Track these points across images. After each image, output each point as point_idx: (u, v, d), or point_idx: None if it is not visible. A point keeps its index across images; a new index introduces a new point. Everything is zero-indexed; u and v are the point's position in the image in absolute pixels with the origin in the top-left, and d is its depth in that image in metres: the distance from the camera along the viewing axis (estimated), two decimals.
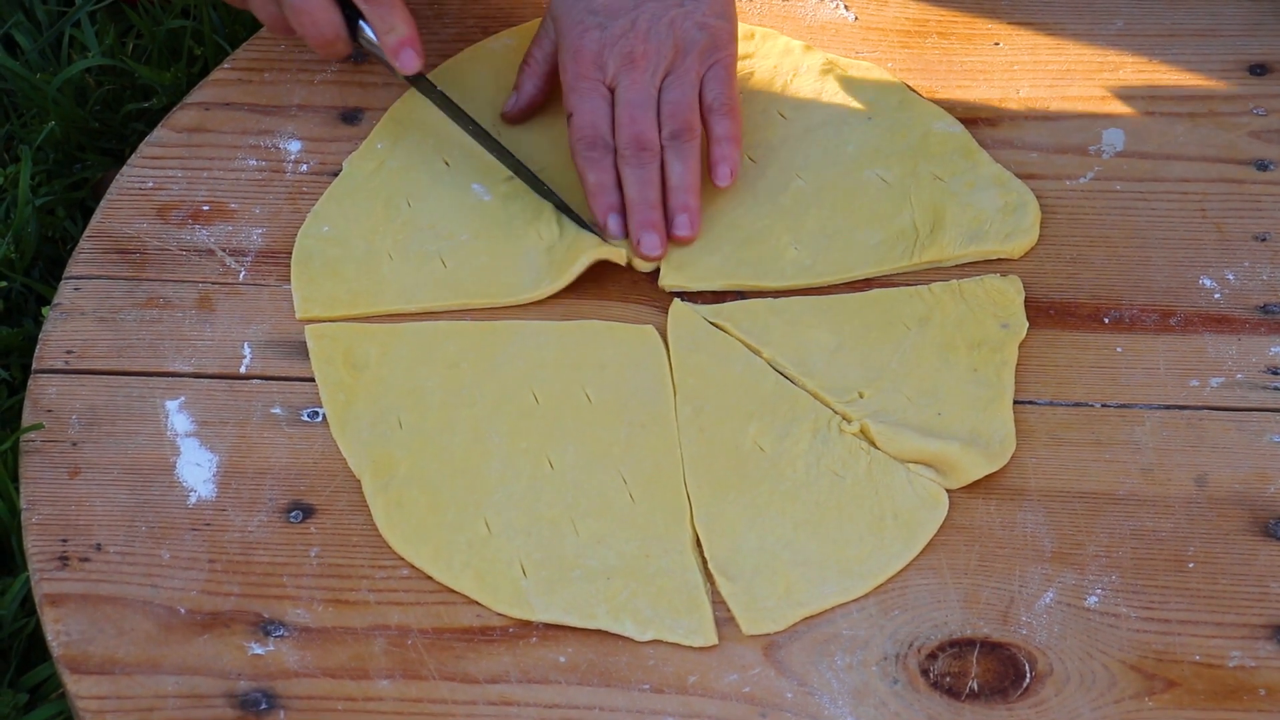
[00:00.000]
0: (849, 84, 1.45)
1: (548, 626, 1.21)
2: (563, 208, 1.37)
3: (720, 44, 1.37)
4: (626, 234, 1.36)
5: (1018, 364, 1.31)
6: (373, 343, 1.33)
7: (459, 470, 1.26)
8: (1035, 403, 1.30)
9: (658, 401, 1.30)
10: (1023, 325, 1.33)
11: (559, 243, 1.37)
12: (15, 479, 1.29)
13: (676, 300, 1.35)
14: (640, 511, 1.25)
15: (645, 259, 1.35)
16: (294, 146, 1.43)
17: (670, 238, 1.36)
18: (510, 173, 1.40)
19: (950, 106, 1.44)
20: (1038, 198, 1.39)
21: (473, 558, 1.23)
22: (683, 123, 1.36)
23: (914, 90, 1.45)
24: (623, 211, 1.36)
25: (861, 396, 1.29)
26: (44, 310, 1.37)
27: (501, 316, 1.34)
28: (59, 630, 1.20)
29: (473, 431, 1.28)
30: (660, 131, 1.36)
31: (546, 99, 1.42)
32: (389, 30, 1.36)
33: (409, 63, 1.37)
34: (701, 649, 1.20)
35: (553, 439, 1.28)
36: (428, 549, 1.23)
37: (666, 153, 1.36)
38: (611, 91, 1.36)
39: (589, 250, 1.34)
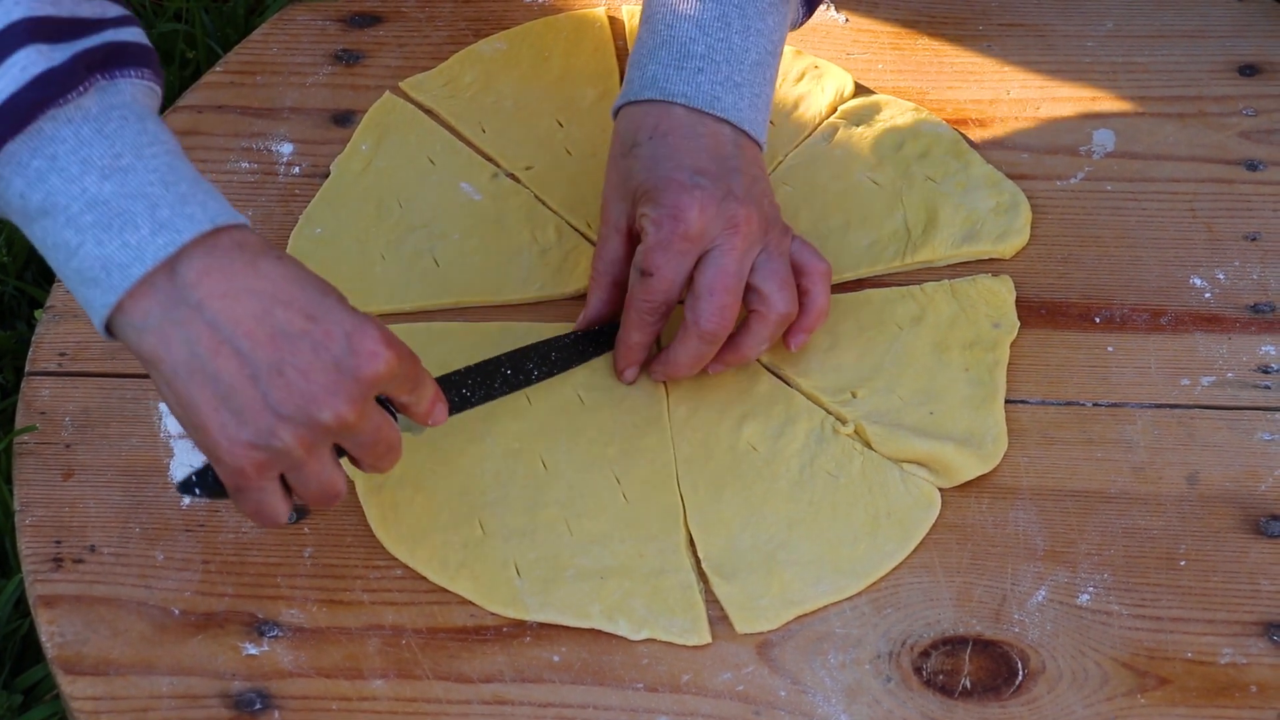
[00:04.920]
0: (837, 89, 1.45)
1: (541, 626, 1.21)
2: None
3: (784, 225, 1.28)
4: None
5: (1009, 363, 1.32)
6: None
7: (453, 471, 1.26)
8: (1027, 402, 1.30)
9: (651, 402, 1.30)
10: (1014, 325, 1.33)
11: (555, 247, 1.37)
12: (9, 481, 1.29)
13: None
14: (634, 512, 1.25)
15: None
16: (286, 149, 1.43)
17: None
18: (496, 171, 1.41)
19: (941, 107, 1.44)
20: (1029, 198, 1.39)
21: (468, 558, 1.23)
22: (792, 300, 1.26)
23: (903, 95, 1.45)
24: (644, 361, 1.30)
25: (855, 396, 1.30)
26: (36, 313, 1.37)
27: (495, 315, 1.34)
28: (53, 631, 1.20)
29: (466, 433, 1.28)
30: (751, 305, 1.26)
31: (616, 309, 1.30)
32: (419, 402, 1.16)
33: (441, 415, 1.18)
34: (695, 648, 1.20)
35: (546, 440, 1.28)
36: (423, 551, 1.23)
37: (755, 321, 1.26)
38: (699, 257, 1.25)
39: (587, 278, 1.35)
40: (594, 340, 1.30)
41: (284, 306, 1.08)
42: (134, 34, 1.11)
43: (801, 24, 1.35)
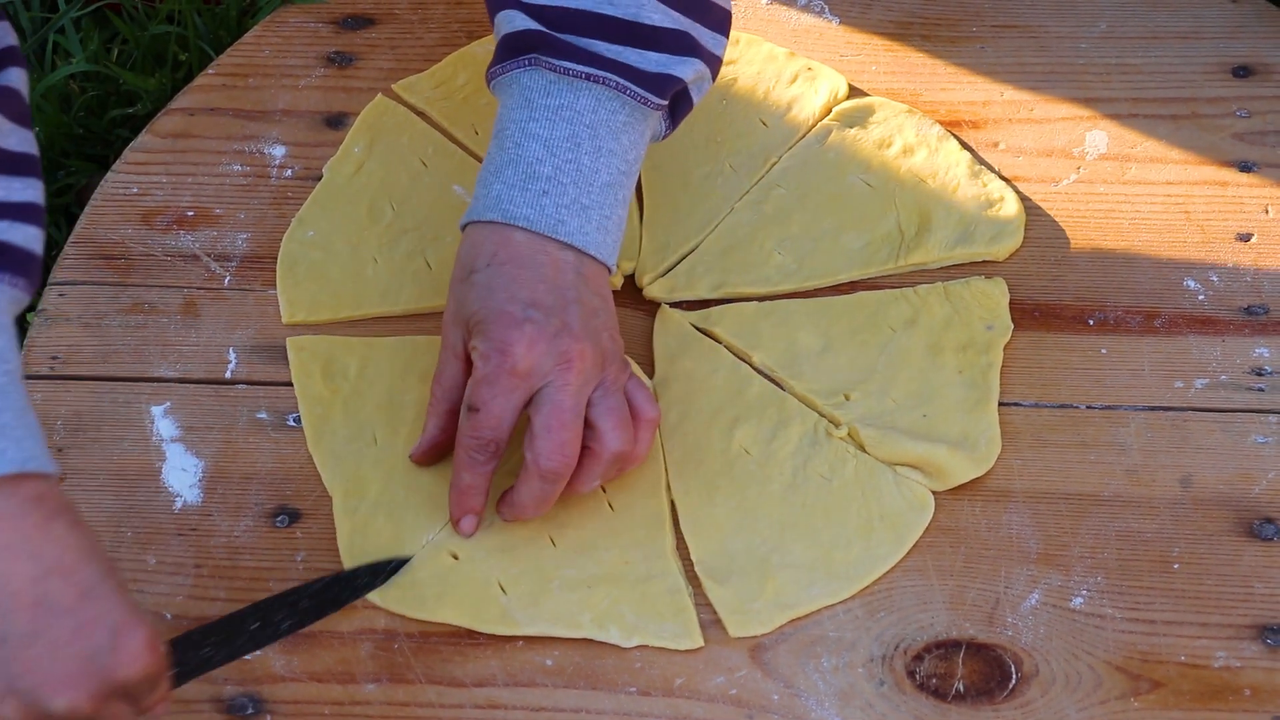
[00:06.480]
0: (831, 91, 1.44)
1: None
2: None
3: (623, 359, 1.24)
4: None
5: (1003, 366, 1.31)
6: (352, 356, 1.32)
7: (426, 497, 1.25)
8: (1020, 404, 1.30)
9: None
10: (1008, 327, 1.33)
11: None
12: None
13: (664, 305, 1.35)
14: (619, 520, 1.25)
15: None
16: (278, 151, 1.43)
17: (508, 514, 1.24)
18: None
19: (934, 109, 1.44)
20: (1022, 200, 1.39)
21: (445, 588, 1.22)
22: (628, 439, 1.22)
23: (896, 97, 1.45)
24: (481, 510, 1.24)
25: (848, 399, 1.29)
26: (29, 316, 1.37)
27: None
28: None
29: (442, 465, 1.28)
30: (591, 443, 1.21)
31: (454, 434, 1.24)
32: (145, 700, 1.07)
33: (161, 711, 1.09)
34: (688, 651, 1.20)
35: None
36: (393, 592, 1.22)
37: (588, 459, 1.21)
38: (531, 394, 1.20)
39: None
40: (348, 584, 1.22)
41: (61, 577, 1.02)
42: (22, 234, 1.07)
43: (666, 136, 1.30)
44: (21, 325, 1.48)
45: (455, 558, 1.23)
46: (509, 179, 1.23)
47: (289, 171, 1.42)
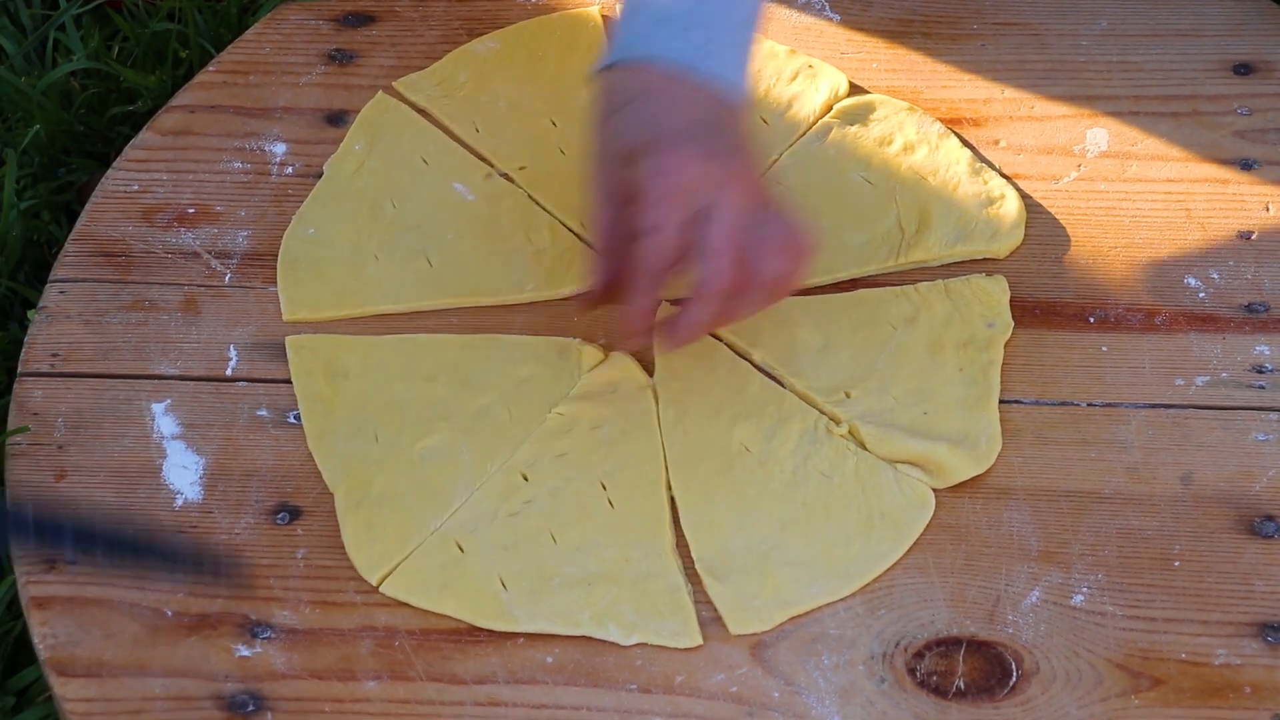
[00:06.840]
0: (832, 88, 1.45)
1: None
2: None
3: (769, 194, 1.23)
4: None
5: (1003, 363, 1.31)
6: (353, 355, 1.32)
7: (430, 491, 1.26)
8: (1021, 402, 1.30)
9: (638, 408, 1.29)
10: (1008, 325, 1.33)
11: (550, 248, 1.37)
12: (2, 482, 1.29)
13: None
14: (619, 517, 1.25)
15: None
16: (279, 149, 1.43)
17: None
18: (490, 171, 1.40)
19: (935, 107, 1.44)
20: (1023, 197, 1.39)
21: (449, 579, 1.22)
22: (786, 264, 1.20)
23: (897, 94, 1.45)
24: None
25: (848, 396, 1.30)
26: (29, 314, 1.37)
27: (489, 316, 1.34)
28: (46, 633, 1.20)
29: (449, 448, 1.27)
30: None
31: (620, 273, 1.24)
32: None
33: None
34: (689, 649, 1.20)
35: (529, 451, 1.27)
36: (400, 581, 1.22)
37: (749, 292, 1.21)
38: (695, 213, 1.19)
39: (582, 280, 1.34)
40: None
41: None
42: None
43: None
44: (22, 323, 1.48)
45: (461, 549, 1.23)
46: (645, 20, 1.23)
47: (290, 169, 1.42)
